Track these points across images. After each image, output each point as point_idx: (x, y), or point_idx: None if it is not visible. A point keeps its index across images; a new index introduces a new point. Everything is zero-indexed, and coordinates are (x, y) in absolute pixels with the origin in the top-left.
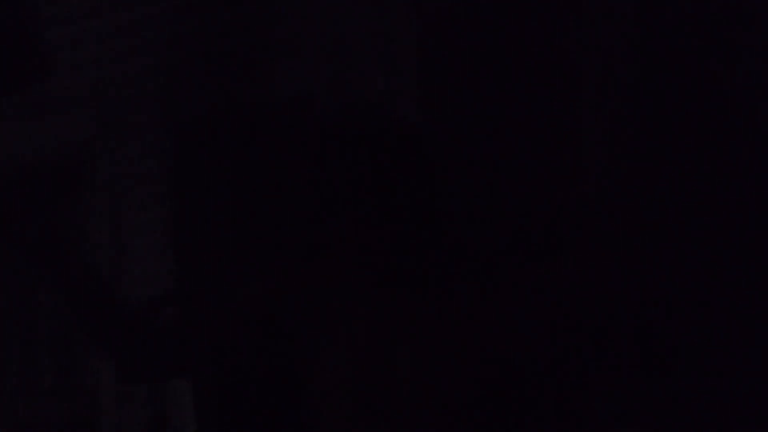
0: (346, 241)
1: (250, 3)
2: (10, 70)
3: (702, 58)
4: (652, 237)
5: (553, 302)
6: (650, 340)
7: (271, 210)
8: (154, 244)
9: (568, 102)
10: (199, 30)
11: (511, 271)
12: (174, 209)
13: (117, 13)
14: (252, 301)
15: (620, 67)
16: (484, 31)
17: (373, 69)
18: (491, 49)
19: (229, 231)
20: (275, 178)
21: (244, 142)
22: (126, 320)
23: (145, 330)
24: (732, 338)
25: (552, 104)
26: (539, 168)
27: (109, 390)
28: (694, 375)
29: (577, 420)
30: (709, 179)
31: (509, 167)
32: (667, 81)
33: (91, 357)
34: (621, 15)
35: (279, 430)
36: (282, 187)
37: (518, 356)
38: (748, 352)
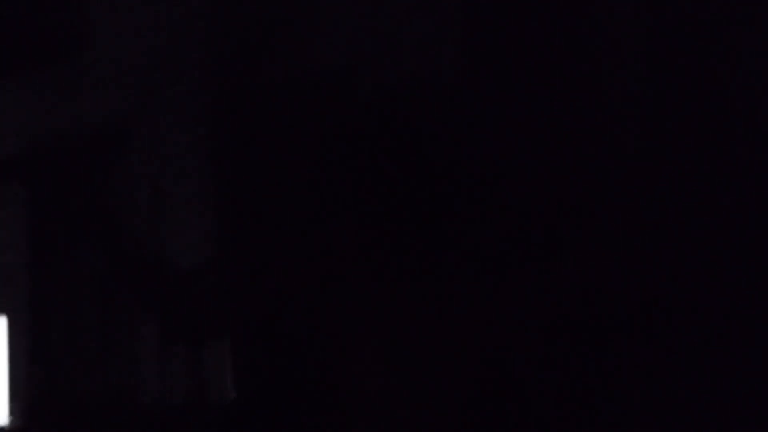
0: (379, 228)
1: None
2: (45, 42)
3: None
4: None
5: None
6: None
7: (308, 187)
8: (194, 214)
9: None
10: (238, 2)
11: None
12: (214, 180)
13: None
14: (292, 276)
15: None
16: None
17: (416, 39)
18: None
19: (269, 202)
20: (314, 155)
21: (281, 117)
22: (169, 283)
23: (187, 292)
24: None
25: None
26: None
27: (149, 358)
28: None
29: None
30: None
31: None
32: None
33: (132, 325)
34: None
35: (319, 399)
36: (321, 165)
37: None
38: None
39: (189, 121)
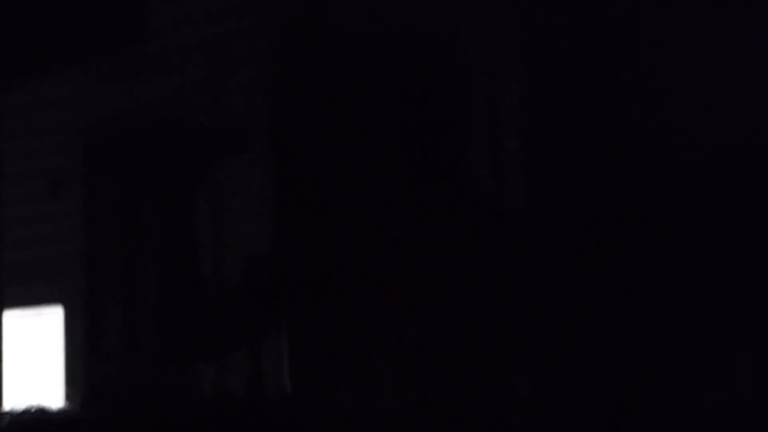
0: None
1: None
2: (111, 31)
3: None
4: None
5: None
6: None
7: (371, 169)
8: (251, 206)
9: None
10: None
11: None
12: (273, 169)
13: None
14: (348, 264)
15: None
16: None
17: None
18: None
19: (331, 191)
20: (378, 132)
21: (343, 94)
22: (226, 275)
23: (245, 284)
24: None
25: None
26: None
27: None
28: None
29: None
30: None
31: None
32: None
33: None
34: None
35: (373, 392)
36: (386, 143)
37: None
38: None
39: (251, 110)
